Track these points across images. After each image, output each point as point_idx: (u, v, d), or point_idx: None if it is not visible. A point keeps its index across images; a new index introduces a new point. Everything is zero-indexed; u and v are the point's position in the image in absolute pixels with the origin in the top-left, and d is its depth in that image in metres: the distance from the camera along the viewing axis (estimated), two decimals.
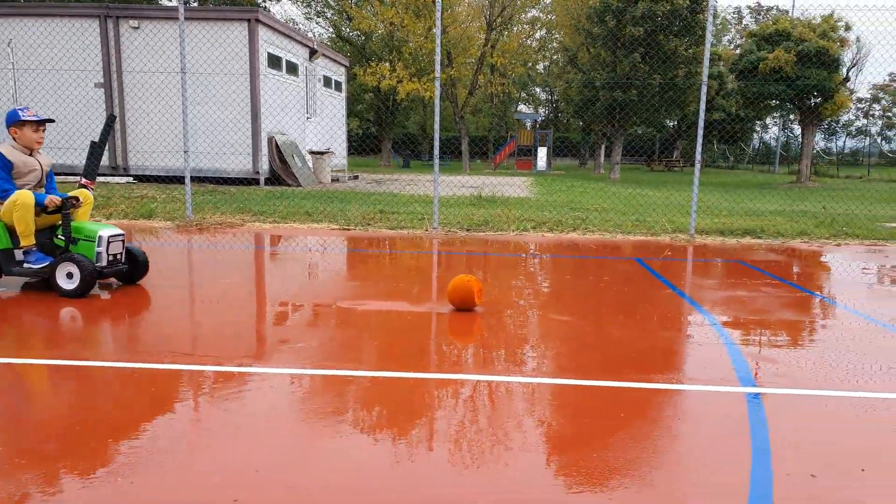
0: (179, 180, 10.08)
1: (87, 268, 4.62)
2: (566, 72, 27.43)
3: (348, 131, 24.55)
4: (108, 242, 4.82)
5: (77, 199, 4.90)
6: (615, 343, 3.99)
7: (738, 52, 26.30)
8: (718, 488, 2.26)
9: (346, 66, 21.39)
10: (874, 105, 48.02)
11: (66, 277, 4.65)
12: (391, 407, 2.91)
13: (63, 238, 4.80)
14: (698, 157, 8.79)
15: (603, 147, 31.50)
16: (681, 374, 3.46)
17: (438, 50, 8.56)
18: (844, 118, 47.48)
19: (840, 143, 48.23)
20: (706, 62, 8.66)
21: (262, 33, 14.63)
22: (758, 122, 37.30)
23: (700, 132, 8.70)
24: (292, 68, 16.76)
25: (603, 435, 2.66)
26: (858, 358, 3.77)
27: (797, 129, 30.52)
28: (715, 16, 29.82)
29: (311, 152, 17.09)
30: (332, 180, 17.49)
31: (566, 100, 29.58)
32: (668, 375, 3.41)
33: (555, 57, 35.91)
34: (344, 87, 21.32)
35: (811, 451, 2.56)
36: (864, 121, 49.42)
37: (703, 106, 8.67)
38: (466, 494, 2.18)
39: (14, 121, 4.76)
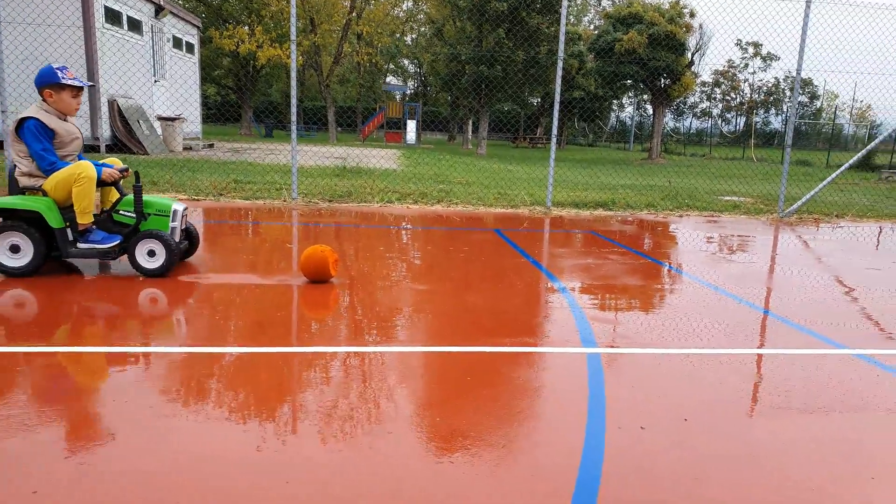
0: None
1: (172, 245, 4.27)
2: (433, 44, 27.38)
3: (204, 97, 23.10)
4: (182, 217, 4.48)
5: (127, 169, 4.41)
6: (469, 311, 3.98)
7: (596, 32, 27.49)
8: (555, 443, 2.28)
9: (198, 27, 19.98)
10: (716, 89, 52.29)
11: (148, 256, 4.27)
12: (231, 384, 2.69)
13: (131, 214, 4.32)
14: (554, 131, 9.04)
15: (470, 122, 31.94)
16: (528, 338, 3.49)
17: (294, 10, 8.14)
18: (691, 100, 51.38)
19: (687, 124, 52.10)
20: (562, 39, 8.87)
21: None
22: (615, 101, 39.37)
23: (556, 108, 8.93)
24: (135, 25, 15.39)
25: (450, 400, 2.61)
26: (690, 318, 4.00)
27: (650, 109, 32.55)
28: None
29: (160, 118, 15.87)
30: (185, 149, 16.38)
31: (434, 73, 29.59)
32: (516, 339, 3.43)
33: (422, 29, 35.80)
34: (196, 49, 19.94)
35: (641, 405, 2.65)
36: (708, 103, 53.70)
37: (558, 83, 8.89)
38: (307, 462, 2.04)
39: (51, 82, 4.08)
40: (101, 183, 4.31)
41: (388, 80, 46.91)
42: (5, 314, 3.48)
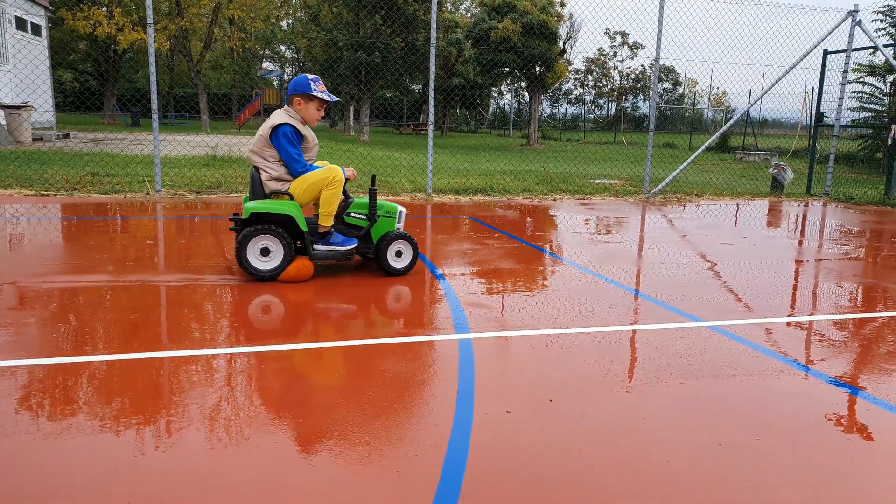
0: None
1: (416, 245, 4.53)
2: (309, 30, 26.63)
3: (59, 84, 21.22)
4: (404, 219, 4.66)
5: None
6: (342, 303, 3.87)
7: (472, 20, 27.79)
8: (422, 435, 2.24)
9: (45, 7, 18.24)
10: (588, 76, 54.53)
11: (396, 256, 4.48)
12: (87, 391, 2.43)
13: (363, 216, 4.50)
14: (431, 118, 9.03)
15: (352, 109, 31.46)
16: (402, 327, 3.44)
17: None
18: (565, 87, 53.31)
19: (563, 110, 54.02)
20: (433, 26, 8.86)
21: None
22: (494, 88, 40.11)
23: (431, 94, 8.93)
24: None
25: (317, 397, 2.50)
26: (560, 299, 4.10)
27: (527, 96, 33.39)
28: None
29: (3, 106, 14.36)
30: (35, 139, 14.96)
31: (312, 59, 28.83)
32: (389, 330, 3.37)
33: (298, 14, 34.73)
34: (45, 30, 18.23)
35: (510, 389, 2.66)
36: (581, 90, 55.92)
37: (432, 69, 8.89)
38: (168, 468, 1.86)
39: (303, 92, 4.24)
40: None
41: (264, 65, 45.24)
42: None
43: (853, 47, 10.26)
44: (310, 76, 4.30)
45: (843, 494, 1.99)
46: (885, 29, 16.68)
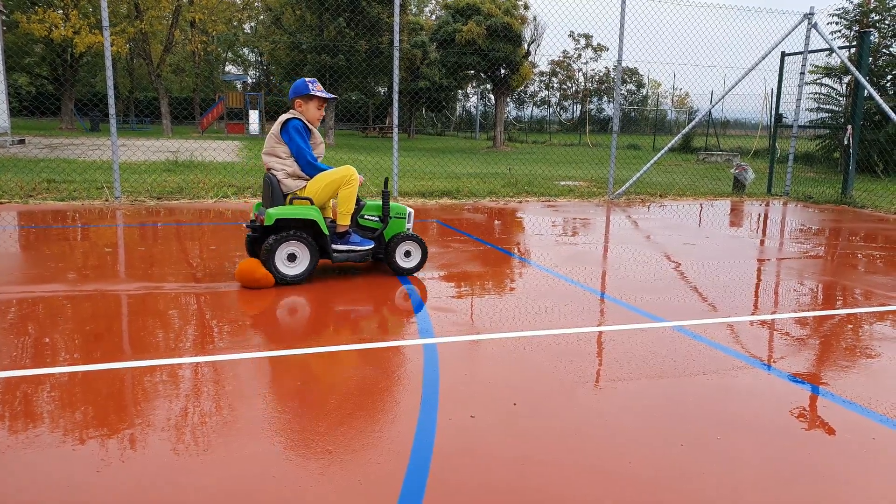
0: None
1: (425, 246, 4.63)
2: (273, 32, 26.36)
3: (14, 88, 20.63)
4: (412, 219, 4.75)
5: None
6: (304, 309, 3.81)
7: (437, 22, 27.80)
8: (385, 443, 2.21)
9: None
10: (553, 78, 54.94)
11: (405, 256, 4.59)
12: (58, 401, 2.34)
13: (375, 218, 4.61)
14: (395, 121, 9.00)
15: None
16: (365, 334, 3.40)
17: None
18: (530, 89, 53.63)
19: (528, 112, 54.33)
20: (396, 29, 8.84)
21: None
22: (459, 90, 40.16)
23: (395, 97, 8.90)
24: None
25: (278, 407, 2.44)
26: (526, 302, 4.10)
27: (493, 99, 33.50)
28: None
29: None
30: None
31: (275, 62, 28.53)
32: (353, 337, 3.33)
33: (261, 17, 34.35)
34: None
35: (474, 393, 2.65)
36: (546, 92, 56.31)
37: (396, 72, 8.86)
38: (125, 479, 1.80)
39: (302, 93, 4.38)
40: None
41: (227, 68, 44.64)
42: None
43: (810, 49, 10.51)
44: (307, 79, 4.44)
45: (804, 493, 2.02)
46: (840, 31, 17.11)
